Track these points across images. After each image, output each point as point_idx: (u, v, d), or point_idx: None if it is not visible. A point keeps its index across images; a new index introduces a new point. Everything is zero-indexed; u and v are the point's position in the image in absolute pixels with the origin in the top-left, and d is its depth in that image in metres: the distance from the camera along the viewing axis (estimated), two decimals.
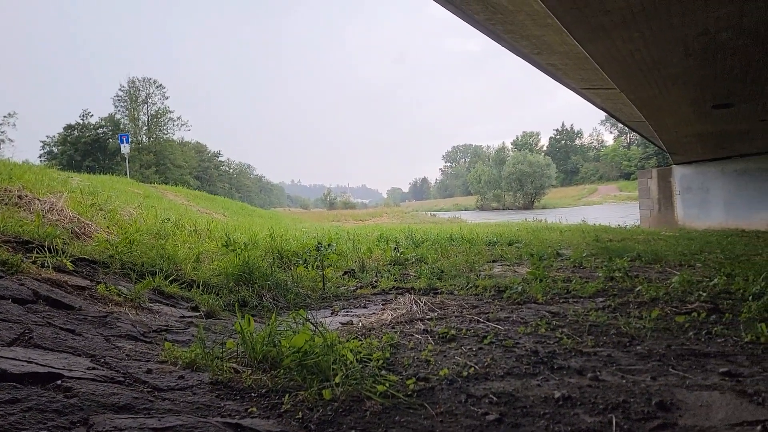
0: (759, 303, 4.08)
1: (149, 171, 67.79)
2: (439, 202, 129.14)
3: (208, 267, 5.37)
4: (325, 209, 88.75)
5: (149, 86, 79.43)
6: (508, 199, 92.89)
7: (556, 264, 7.42)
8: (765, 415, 2.06)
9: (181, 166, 79.26)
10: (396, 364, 2.90)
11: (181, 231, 7.27)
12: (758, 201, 17.41)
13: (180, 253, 5.43)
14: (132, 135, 71.68)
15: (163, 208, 11.50)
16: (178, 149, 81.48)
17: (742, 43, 7.16)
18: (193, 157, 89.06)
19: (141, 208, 8.83)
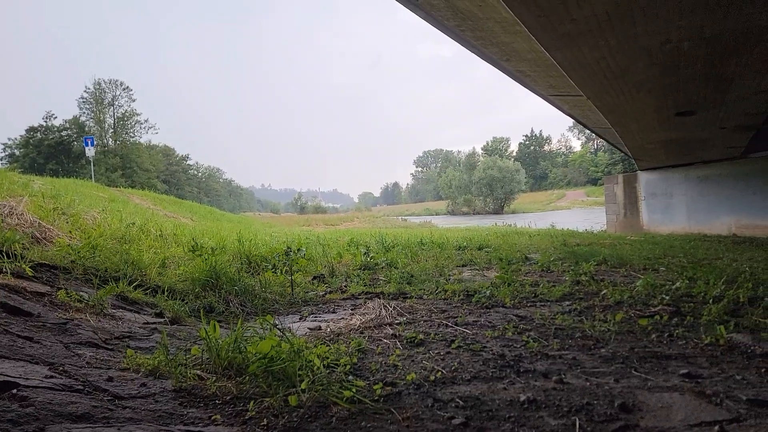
0: (719, 306, 4.19)
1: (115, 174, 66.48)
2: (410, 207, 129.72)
3: (174, 272, 5.26)
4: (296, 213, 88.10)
5: (115, 88, 77.83)
6: (478, 204, 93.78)
7: (524, 268, 7.49)
8: (723, 416, 2.11)
9: (148, 170, 77.92)
10: (363, 369, 2.89)
11: (146, 236, 7.11)
12: (719, 206, 17.91)
13: (145, 258, 5.32)
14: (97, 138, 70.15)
15: (128, 212, 11.26)
16: (145, 152, 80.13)
17: (703, 53, 7.36)
18: (161, 160, 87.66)
19: (105, 213, 8.63)
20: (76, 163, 65.68)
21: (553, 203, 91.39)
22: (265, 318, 3.12)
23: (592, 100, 10.51)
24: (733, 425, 2.04)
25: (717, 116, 11.41)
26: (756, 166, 16.51)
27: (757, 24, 6.23)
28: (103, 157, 69.30)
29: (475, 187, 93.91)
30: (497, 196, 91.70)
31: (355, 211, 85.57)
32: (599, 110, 11.39)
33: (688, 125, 12.42)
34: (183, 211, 22.44)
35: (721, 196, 17.87)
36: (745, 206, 17.03)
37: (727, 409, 2.18)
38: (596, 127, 17.78)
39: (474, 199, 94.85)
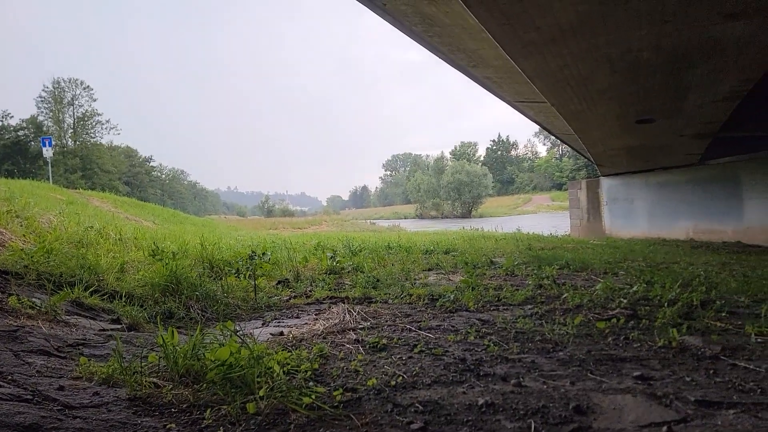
0: (673, 309, 4.31)
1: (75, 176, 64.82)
2: (378, 210, 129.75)
3: (133, 277, 5.14)
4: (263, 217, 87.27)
5: (75, 87, 75.98)
6: (446, 208, 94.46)
7: (489, 272, 7.57)
8: (671, 417, 2.17)
9: (109, 171, 76.22)
10: (325, 375, 2.87)
11: (105, 239, 6.94)
12: (678, 211, 18.43)
13: (103, 263, 5.19)
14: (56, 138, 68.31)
15: (87, 215, 10.97)
16: (106, 153, 78.36)
17: (662, 62, 7.57)
18: (123, 161, 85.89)
19: (62, 215, 8.40)
20: (33, 164, 63.80)
21: (520, 207, 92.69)
22: (225, 324, 3.08)
23: (556, 107, 10.70)
24: (681, 425, 2.10)
25: (675, 124, 11.75)
26: (713, 173, 17.06)
27: (712, 36, 6.45)
28: (62, 158, 67.50)
29: (444, 191, 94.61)
30: (465, 200, 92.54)
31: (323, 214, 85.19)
32: (563, 117, 11.60)
33: (648, 132, 12.76)
34: (145, 214, 21.99)
35: (679, 201, 18.40)
36: (702, 212, 17.57)
37: (676, 410, 2.25)
38: (561, 134, 18.12)
39: (442, 203, 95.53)
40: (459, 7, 6.03)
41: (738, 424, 2.08)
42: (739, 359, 3.02)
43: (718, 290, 5.50)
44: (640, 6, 5.62)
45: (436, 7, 7.16)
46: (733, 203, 16.32)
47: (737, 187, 16.18)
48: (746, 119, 11.64)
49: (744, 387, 2.53)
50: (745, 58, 7.30)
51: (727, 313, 4.37)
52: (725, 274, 7.02)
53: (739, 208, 16.15)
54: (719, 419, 2.14)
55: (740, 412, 2.21)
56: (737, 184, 16.18)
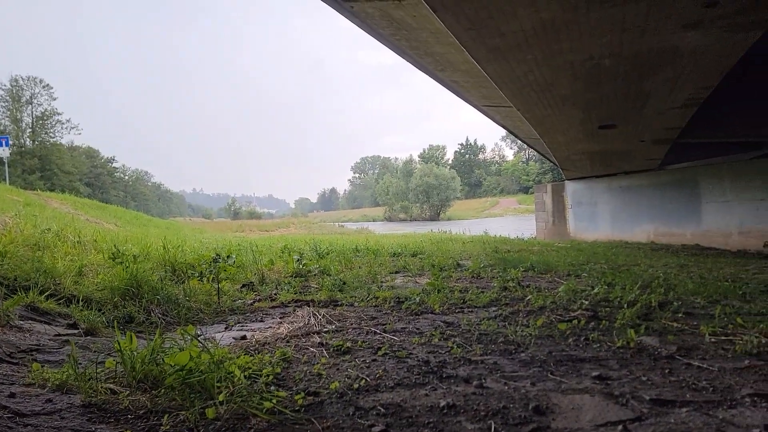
0: (632, 310, 4.41)
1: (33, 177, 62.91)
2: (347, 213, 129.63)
3: (92, 281, 5.00)
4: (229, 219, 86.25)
5: (34, 86, 73.60)
6: (415, 211, 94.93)
7: (455, 275, 7.62)
8: (627, 416, 2.22)
9: (70, 172, 74.20)
10: (287, 379, 2.85)
11: (63, 242, 6.74)
12: (639, 215, 18.91)
13: (60, 266, 5.03)
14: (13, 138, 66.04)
15: (45, 217, 10.65)
16: (66, 154, 76.27)
17: (623, 69, 7.76)
18: (84, 162, 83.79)
19: (19, 217, 8.14)
20: None
21: (487, 210, 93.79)
22: (186, 328, 3.02)
23: (521, 111, 10.86)
24: (636, 424, 2.15)
25: (636, 130, 12.05)
26: (672, 178, 17.55)
27: (670, 44, 6.64)
28: (20, 159, 65.36)
29: (412, 194, 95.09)
30: (433, 203, 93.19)
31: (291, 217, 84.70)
32: (528, 122, 11.78)
33: (610, 138, 13.06)
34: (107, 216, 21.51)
35: (641, 205, 18.87)
36: (662, 215, 18.05)
37: (632, 409, 2.30)
38: (527, 138, 18.41)
39: (411, 205, 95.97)
40: (426, 12, 6.08)
41: (690, 422, 2.14)
42: (694, 359, 3.10)
43: (676, 292, 5.65)
44: (601, 14, 5.75)
45: (403, 11, 7.19)
46: (692, 207, 16.82)
47: (695, 191, 16.67)
48: (704, 126, 12.00)
49: (697, 385, 2.60)
50: (702, 67, 7.54)
51: (684, 314, 4.49)
52: (683, 276, 7.21)
53: (698, 212, 16.64)
54: (672, 417, 2.19)
55: (692, 410, 2.27)
56: (695, 189, 16.68)
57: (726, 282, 6.50)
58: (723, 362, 3.01)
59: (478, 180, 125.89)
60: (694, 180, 16.71)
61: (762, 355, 3.15)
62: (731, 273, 7.88)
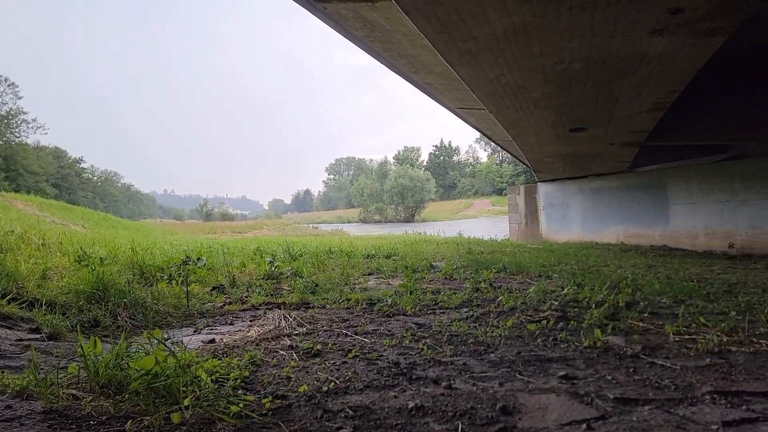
0: (600, 310, 4.48)
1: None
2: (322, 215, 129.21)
3: (56, 284, 4.88)
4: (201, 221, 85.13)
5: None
6: (390, 212, 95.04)
7: (428, 276, 7.65)
8: (591, 414, 2.26)
9: (35, 173, 72.44)
10: (255, 383, 2.82)
11: (27, 244, 6.57)
12: (609, 216, 19.22)
13: (23, 269, 4.91)
14: None
15: (9, 218, 10.40)
16: (32, 154, 74.42)
17: (592, 73, 7.87)
18: (51, 163, 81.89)
19: None
20: None
21: (462, 212, 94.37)
22: (153, 332, 2.97)
23: (494, 114, 10.94)
24: (599, 422, 2.18)
25: (606, 133, 12.24)
26: (641, 180, 17.88)
27: (638, 49, 6.76)
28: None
29: (387, 196, 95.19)
30: (408, 204, 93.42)
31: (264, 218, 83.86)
32: (501, 124, 11.87)
33: (581, 140, 13.24)
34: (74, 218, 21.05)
35: (611, 207, 19.18)
36: (631, 216, 18.37)
37: (596, 408, 2.34)
38: (500, 140, 18.57)
39: (386, 207, 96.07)
40: (400, 14, 6.08)
41: (651, 420, 2.18)
42: (658, 357, 3.17)
43: (643, 292, 5.76)
44: (571, 19, 5.83)
45: (377, 13, 7.20)
46: (660, 209, 17.16)
47: (663, 193, 17.01)
48: (671, 129, 12.26)
49: (660, 384, 2.65)
50: (669, 71, 7.69)
51: (650, 313, 4.59)
52: (650, 277, 7.35)
53: (665, 213, 16.99)
54: (635, 416, 2.24)
55: (654, 408, 2.32)
56: (663, 191, 17.02)
57: (691, 282, 6.65)
58: (685, 361, 3.08)
59: (453, 182, 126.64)
60: (662, 182, 17.05)
61: (723, 353, 3.24)
62: (697, 273, 8.07)
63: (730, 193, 14.66)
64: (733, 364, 2.99)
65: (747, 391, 2.52)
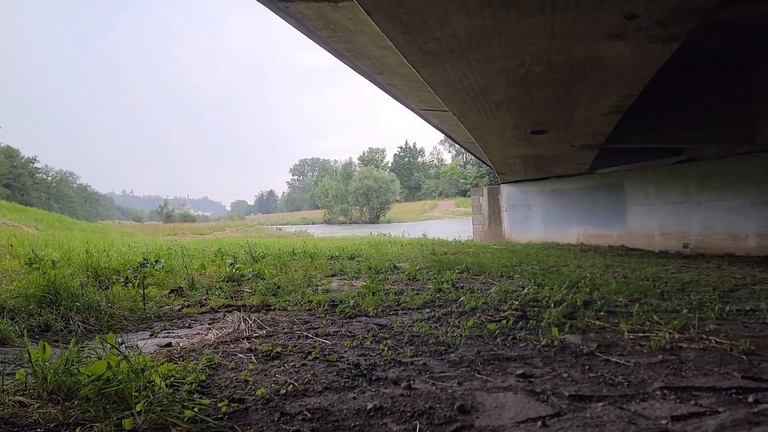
0: (558, 309, 4.57)
1: None
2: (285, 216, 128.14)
3: (6, 288, 4.69)
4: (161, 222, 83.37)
5: None
6: (355, 213, 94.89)
7: (392, 277, 7.65)
8: (547, 411, 2.29)
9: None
10: (212, 387, 2.76)
11: None
12: (570, 217, 19.61)
13: None
14: None
15: None
16: None
17: (552, 77, 8.01)
18: (2, 162, 79.00)
19: None
20: None
21: (426, 213, 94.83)
22: (105, 337, 2.89)
23: (457, 116, 11.02)
24: (554, 419, 2.22)
25: (566, 135, 12.48)
26: (600, 182, 18.30)
27: (596, 54, 6.91)
28: None
29: (352, 197, 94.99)
30: (373, 205, 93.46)
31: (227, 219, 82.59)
32: (464, 126, 11.98)
33: (542, 143, 13.46)
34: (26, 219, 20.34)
35: (571, 208, 19.57)
36: (591, 217, 18.78)
37: (551, 405, 2.37)
38: (464, 142, 18.76)
39: (351, 208, 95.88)
40: (363, 15, 6.06)
41: (604, 416, 2.23)
42: (612, 355, 3.24)
43: (600, 291, 5.90)
44: (530, 23, 5.92)
45: (339, 13, 7.18)
46: (618, 210, 17.58)
47: (621, 194, 17.44)
48: (629, 132, 12.58)
49: (614, 381, 2.71)
50: (626, 76, 7.89)
51: (606, 312, 4.70)
52: (608, 276, 7.53)
53: (623, 214, 17.41)
54: (589, 412, 2.28)
55: (607, 404, 2.37)
56: (621, 192, 17.45)
57: (646, 281, 6.84)
58: (638, 358, 3.16)
59: (418, 183, 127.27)
60: (620, 184, 17.47)
61: (674, 350, 3.33)
62: (652, 272, 8.29)
63: (685, 194, 15.12)
64: (683, 361, 3.09)
65: (695, 387, 2.60)
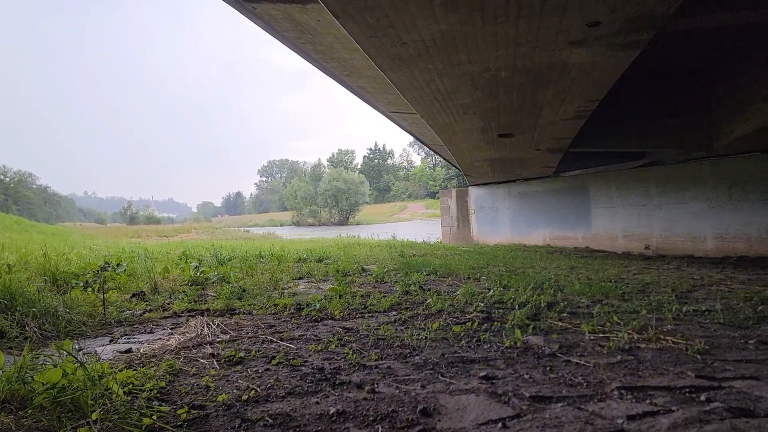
0: (523, 311, 4.63)
1: None
2: (253, 218, 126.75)
3: None
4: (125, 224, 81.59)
5: None
6: (324, 215, 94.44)
7: (359, 279, 7.65)
8: (508, 413, 2.32)
9: None
10: (172, 393, 2.71)
11: None
12: (536, 219, 19.91)
13: None
14: None
15: None
16: None
17: (518, 82, 8.12)
18: None
19: None
20: None
21: (396, 215, 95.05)
22: (62, 343, 2.82)
23: (425, 119, 11.08)
24: (514, 421, 2.25)
25: (532, 139, 12.66)
26: (566, 185, 18.63)
27: (559, 60, 7.03)
28: None
29: (321, 199, 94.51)
30: (342, 207, 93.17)
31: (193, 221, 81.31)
32: (433, 129, 12.05)
33: (509, 146, 13.63)
34: None
35: (538, 210, 19.88)
36: (557, 219, 19.10)
37: (512, 407, 2.40)
38: (433, 145, 18.86)
39: (320, 210, 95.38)
40: (331, 17, 6.05)
41: (563, 416, 2.26)
42: (573, 356, 3.30)
43: (564, 292, 6.00)
44: (496, 29, 6.00)
45: (308, 15, 7.15)
46: (583, 212, 17.93)
47: (586, 197, 17.79)
48: (593, 136, 12.83)
49: (573, 381, 2.77)
50: (589, 81, 8.05)
51: (569, 313, 4.78)
52: (572, 278, 7.66)
53: (588, 216, 17.77)
54: (548, 413, 2.32)
55: (566, 405, 2.41)
56: (586, 195, 17.80)
57: (609, 282, 6.99)
58: (598, 358, 3.23)
59: (387, 185, 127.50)
60: (585, 187, 17.82)
61: (632, 350, 3.41)
62: (615, 274, 8.48)
63: (647, 197, 15.51)
64: (641, 361, 3.16)
65: (651, 386, 2.67)
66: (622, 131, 12.75)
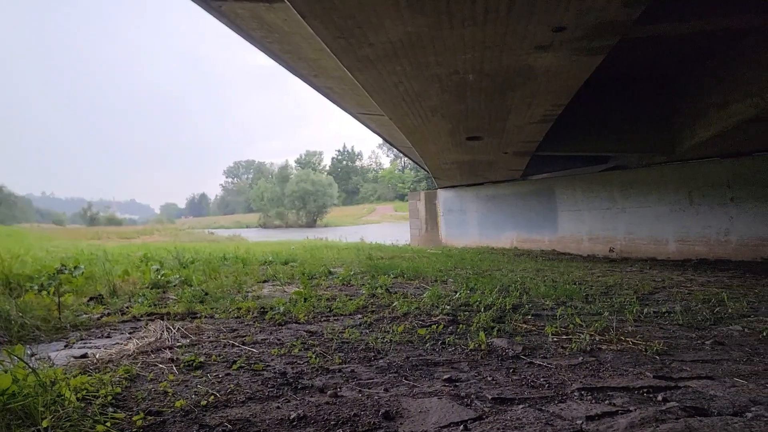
0: (488, 313, 4.65)
1: None
2: (219, 219, 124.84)
3: None
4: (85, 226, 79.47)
5: None
6: (291, 217, 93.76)
7: (325, 282, 7.59)
8: (469, 415, 2.32)
9: None
10: (128, 399, 2.63)
11: None
12: (503, 222, 20.12)
13: None
14: None
15: None
16: None
17: (486, 85, 8.18)
18: None
19: None
20: None
21: (365, 217, 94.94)
22: (13, 348, 2.70)
23: (394, 121, 11.07)
24: (476, 423, 2.25)
25: (500, 142, 12.78)
26: (532, 188, 18.89)
27: (526, 64, 7.11)
28: None
29: (288, 200, 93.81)
30: (310, 209, 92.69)
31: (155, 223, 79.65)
32: (401, 131, 12.05)
33: (477, 149, 13.74)
34: None
35: (505, 213, 20.09)
36: (524, 222, 19.34)
37: (474, 409, 2.40)
38: (401, 147, 18.90)
39: (287, 212, 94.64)
40: (298, 17, 5.99)
41: (524, 418, 2.27)
42: (536, 357, 3.32)
43: (529, 295, 6.06)
44: (463, 32, 6.03)
45: (274, 14, 7.07)
46: (550, 215, 18.19)
47: (552, 200, 18.06)
48: (560, 140, 13.03)
49: (535, 383, 2.78)
50: (555, 86, 8.16)
51: (533, 315, 4.83)
52: (538, 280, 7.75)
53: (554, 219, 18.04)
54: (509, 414, 2.32)
55: (528, 406, 2.42)
56: (552, 198, 18.06)
57: (573, 285, 7.09)
58: (560, 360, 3.26)
59: (356, 187, 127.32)
60: (551, 190, 18.08)
61: (594, 351, 3.46)
62: (579, 276, 8.61)
63: (611, 201, 15.82)
64: (601, 362, 3.21)
65: (611, 387, 2.71)
66: (589, 135, 12.97)
